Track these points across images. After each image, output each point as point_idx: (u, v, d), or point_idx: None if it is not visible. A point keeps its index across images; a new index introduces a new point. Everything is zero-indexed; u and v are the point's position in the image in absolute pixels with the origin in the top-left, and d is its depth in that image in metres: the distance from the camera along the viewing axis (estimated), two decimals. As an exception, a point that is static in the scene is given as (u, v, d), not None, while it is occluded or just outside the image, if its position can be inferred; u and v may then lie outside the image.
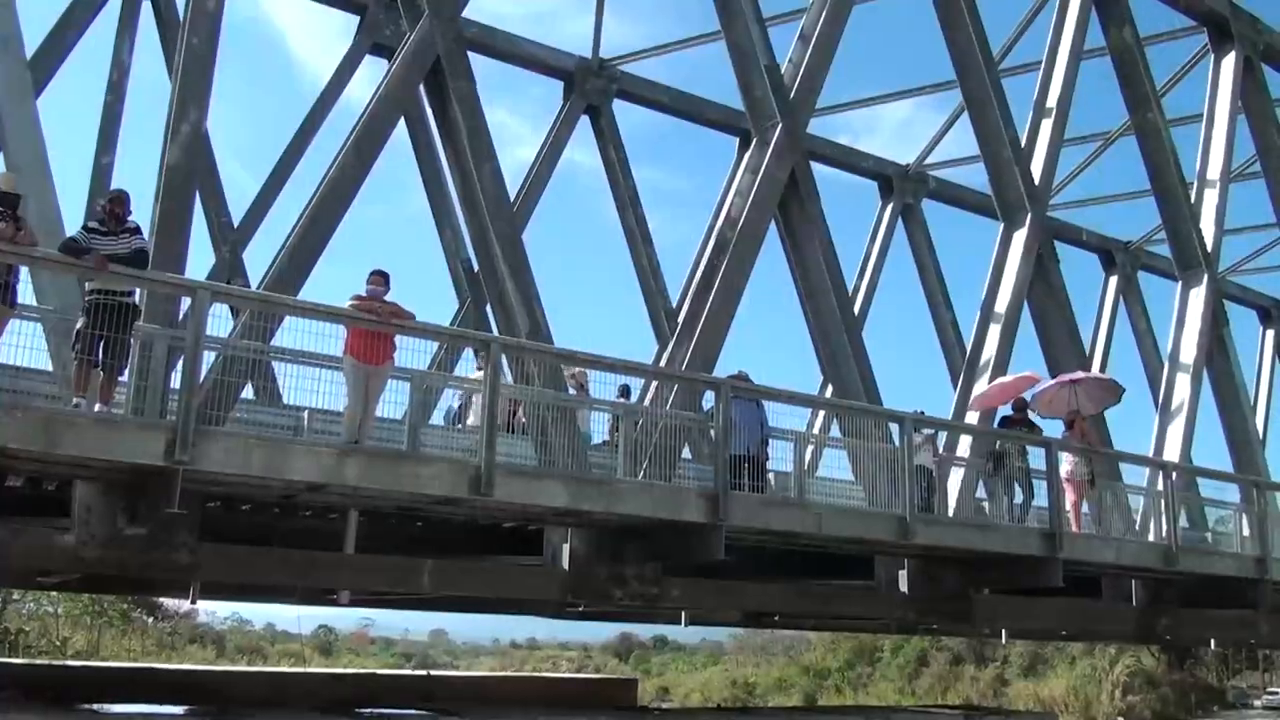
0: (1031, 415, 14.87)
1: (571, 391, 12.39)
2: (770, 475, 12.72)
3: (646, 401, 12.97)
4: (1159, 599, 17.03)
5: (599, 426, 12.85)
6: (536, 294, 13.27)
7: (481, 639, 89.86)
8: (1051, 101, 19.12)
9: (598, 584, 11.94)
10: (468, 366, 14.09)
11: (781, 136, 15.38)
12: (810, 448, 14.95)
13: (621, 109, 21.71)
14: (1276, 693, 64.77)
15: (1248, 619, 17.84)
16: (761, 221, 15.28)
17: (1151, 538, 15.51)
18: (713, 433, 11.53)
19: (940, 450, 14.23)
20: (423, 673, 24.70)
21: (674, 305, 20.13)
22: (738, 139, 21.03)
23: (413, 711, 12.35)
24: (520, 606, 15.37)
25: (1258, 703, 62.97)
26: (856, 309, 21.45)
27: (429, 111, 15.27)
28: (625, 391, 12.62)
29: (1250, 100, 22.69)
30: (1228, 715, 57.93)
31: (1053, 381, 15.90)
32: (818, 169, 19.41)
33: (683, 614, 15.49)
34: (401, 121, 16.46)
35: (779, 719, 17.37)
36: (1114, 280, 27.51)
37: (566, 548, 11.77)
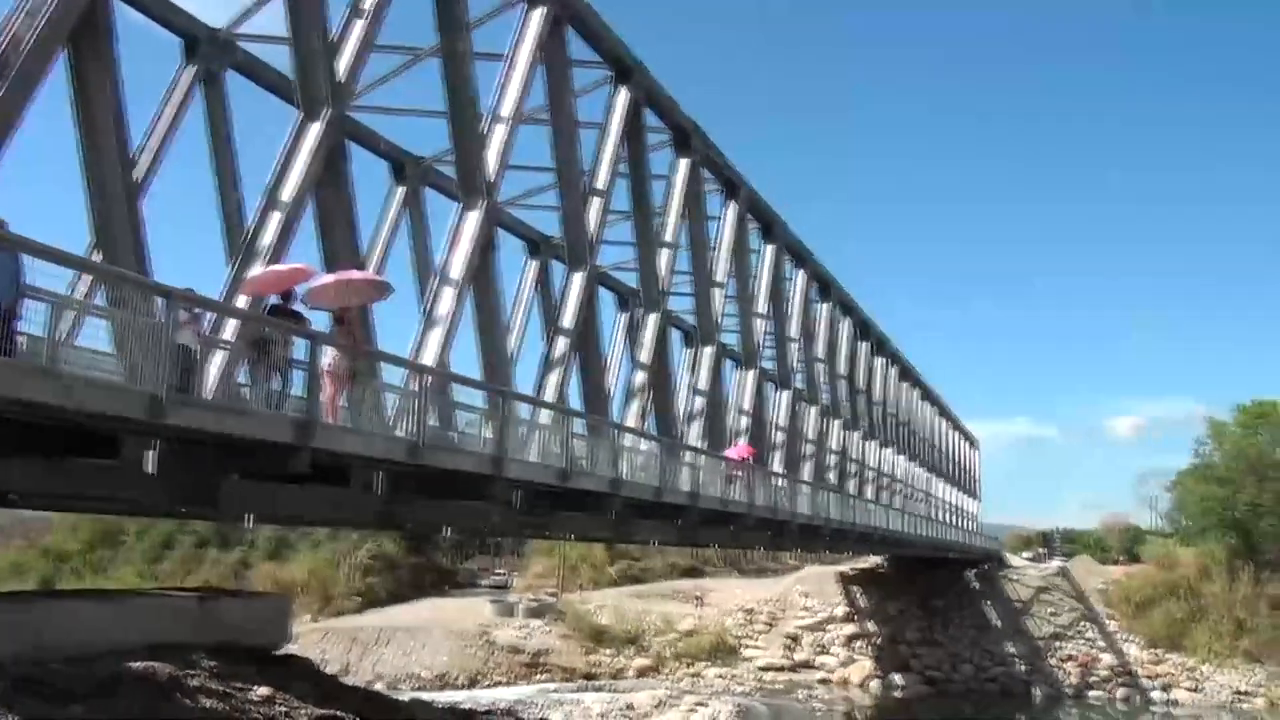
0: (298, 306, 15.07)
1: None
2: (21, 338, 11.50)
3: None
4: (402, 489, 17.84)
5: None
6: None
7: None
8: (367, 4, 19.34)
9: None
10: None
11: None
12: (71, 314, 13.81)
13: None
14: (501, 573, 73.75)
15: (482, 510, 19.23)
16: (49, 49, 13.68)
17: (401, 433, 16.19)
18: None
19: (205, 331, 13.90)
20: None
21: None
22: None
23: None
24: None
25: (484, 582, 71.18)
26: (140, 174, 20.12)
27: None
28: None
29: (551, 56, 24.61)
30: (454, 593, 64.64)
31: (331, 277, 16.24)
32: (121, 13, 17.73)
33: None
34: None
35: (4, 604, 15.86)
36: (401, 190, 28.48)
37: None
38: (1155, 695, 49.85)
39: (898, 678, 51.02)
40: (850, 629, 54.98)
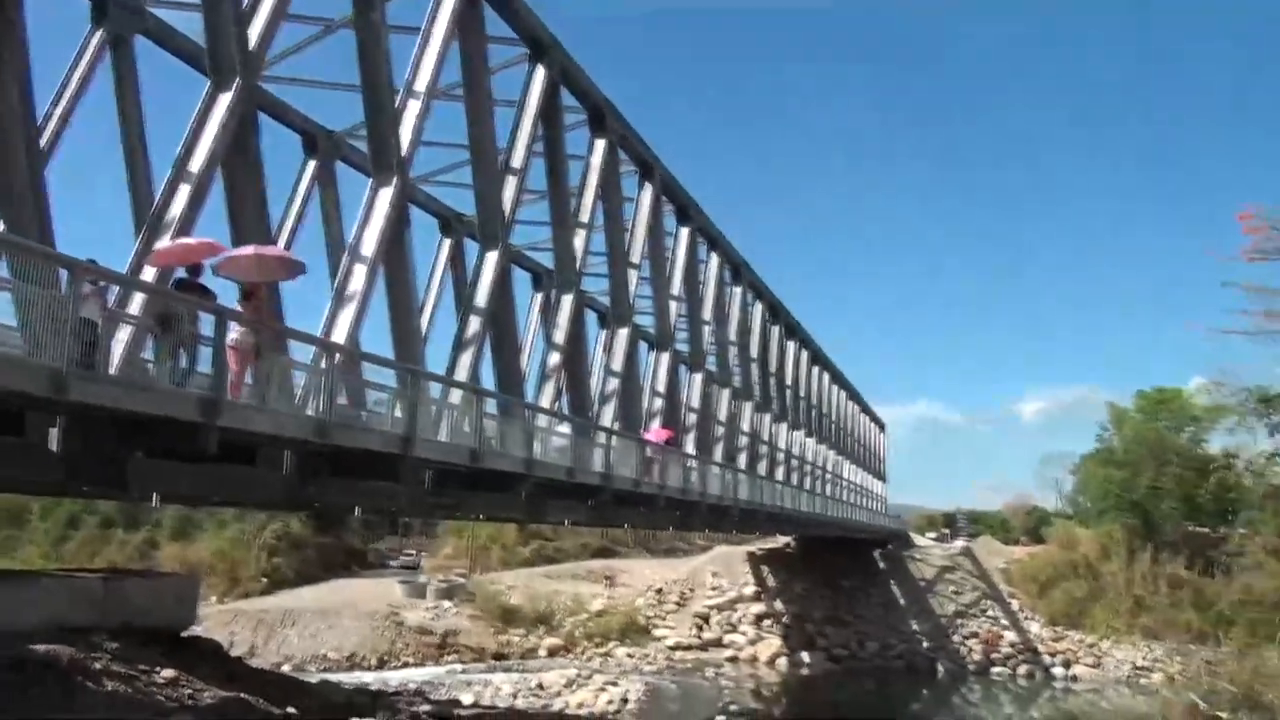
0: (204, 281, 14.76)
1: None
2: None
3: None
4: (310, 469, 17.56)
5: None
6: None
7: None
8: (279, -26, 18.91)
9: None
10: None
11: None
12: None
13: None
14: (411, 554, 73.37)
15: (391, 490, 18.97)
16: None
17: (310, 412, 15.92)
18: None
19: (110, 305, 13.55)
20: None
21: None
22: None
23: None
24: None
25: (394, 563, 70.71)
26: (45, 141, 19.51)
27: None
28: None
29: (466, 32, 24.21)
30: (364, 573, 64.11)
31: (250, 249, 15.92)
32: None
33: None
34: None
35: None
36: (313, 164, 27.83)
37: None
38: (1056, 671, 51.42)
39: (805, 656, 51.86)
40: (759, 608, 55.67)
